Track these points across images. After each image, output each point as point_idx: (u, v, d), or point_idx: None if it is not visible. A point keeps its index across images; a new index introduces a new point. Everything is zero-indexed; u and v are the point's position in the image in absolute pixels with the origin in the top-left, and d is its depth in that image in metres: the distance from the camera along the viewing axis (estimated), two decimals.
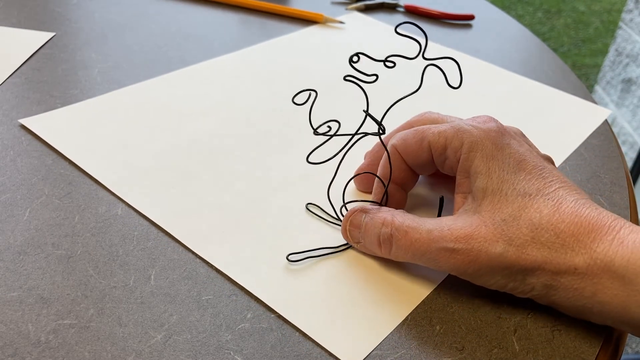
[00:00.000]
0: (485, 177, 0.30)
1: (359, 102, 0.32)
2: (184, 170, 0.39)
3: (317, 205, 0.37)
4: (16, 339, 0.27)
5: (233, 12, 0.63)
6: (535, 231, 0.28)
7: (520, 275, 0.28)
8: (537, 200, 0.29)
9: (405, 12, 0.68)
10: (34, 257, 0.32)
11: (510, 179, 0.30)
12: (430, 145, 0.33)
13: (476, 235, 0.29)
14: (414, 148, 0.33)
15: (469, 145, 0.31)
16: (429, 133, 0.33)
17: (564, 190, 0.29)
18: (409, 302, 0.31)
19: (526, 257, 0.28)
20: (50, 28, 0.56)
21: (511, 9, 2.79)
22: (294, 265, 0.32)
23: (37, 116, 0.43)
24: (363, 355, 0.28)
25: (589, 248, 0.27)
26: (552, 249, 0.28)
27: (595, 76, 2.03)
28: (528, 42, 0.65)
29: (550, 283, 0.28)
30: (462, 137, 0.31)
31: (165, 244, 0.33)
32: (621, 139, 1.44)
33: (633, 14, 1.41)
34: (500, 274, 0.29)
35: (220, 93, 0.48)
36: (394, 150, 0.34)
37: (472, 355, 0.29)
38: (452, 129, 0.32)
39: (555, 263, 0.27)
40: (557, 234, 0.28)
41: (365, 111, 0.32)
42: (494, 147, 0.31)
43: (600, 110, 0.51)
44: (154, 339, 0.28)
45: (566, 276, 0.27)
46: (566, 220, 0.28)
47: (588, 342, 0.29)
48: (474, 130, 0.31)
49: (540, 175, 0.30)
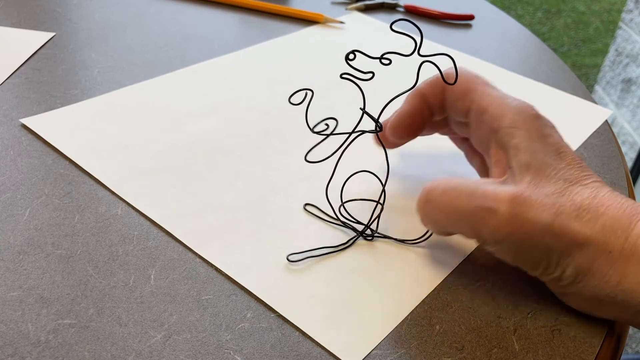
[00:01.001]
0: (529, 154, 0.30)
1: (360, 101, 0.32)
2: (184, 170, 0.39)
3: (315, 205, 0.37)
4: (16, 339, 0.27)
5: (233, 12, 0.63)
6: (578, 210, 0.28)
7: (557, 255, 0.28)
8: (577, 186, 0.29)
9: (405, 12, 0.68)
10: (33, 257, 0.32)
11: (552, 164, 0.29)
12: (473, 101, 0.33)
13: (523, 201, 0.28)
14: (459, 91, 0.33)
15: (511, 120, 0.31)
16: (479, 88, 0.33)
17: (600, 184, 0.29)
18: (408, 302, 0.31)
19: (572, 231, 0.27)
20: (50, 28, 0.56)
21: (511, 9, 2.79)
22: (294, 265, 0.32)
23: (38, 116, 0.43)
24: (362, 355, 0.28)
25: (624, 231, 0.27)
26: (594, 229, 0.27)
27: (595, 76, 2.03)
28: (528, 42, 0.65)
29: (584, 266, 0.28)
30: (506, 110, 0.31)
31: (165, 244, 0.33)
32: (621, 139, 1.44)
33: (633, 14, 1.41)
34: (539, 249, 0.28)
35: (221, 93, 0.48)
36: (441, 79, 0.34)
37: (472, 355, 0.29)
38: (498, 98, 0.32)
39: (595, 243, 0.27)
40: (597, 216, 0.27)
41: (362, 109, 0.32)
42: (537, 133, 0.31)
43: (601, 110, 0.51)
44: (154, 339, 0.28)
45: (601, 259, 0.27)
46: (605, 204, 0.28)
47: (588, 342, 0.29)
48: (519, 109, 0.31)
49: (579, 167, 0.30)
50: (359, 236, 0.34)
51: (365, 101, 0.32)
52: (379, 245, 0.34)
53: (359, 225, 0.35)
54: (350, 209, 0.36)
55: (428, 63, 0.31)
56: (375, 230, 0.34)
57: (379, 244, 0.34)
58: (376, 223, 0.35)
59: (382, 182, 0.34)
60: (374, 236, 0.34)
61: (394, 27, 0.30)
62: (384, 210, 0.34)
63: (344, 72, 0.30)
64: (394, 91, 0.33)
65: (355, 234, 0.34)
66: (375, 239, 0.35)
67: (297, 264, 0.32)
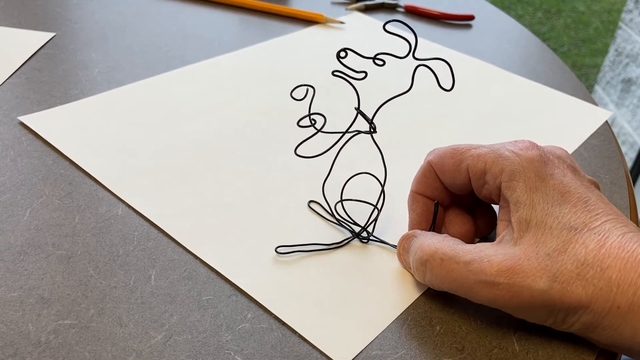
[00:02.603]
0: (528, 208, 0.29)
1: (364, 101, 0.32)
2: (183, 170, 0.39)
3: (319, 203, 0.37)
4: (16, 339, 0.27)
5: (233, 12, 0.63)
6: (581, 267, 0.26)
7: (562, 314, 0.27)
8: (582, 234, 0.27)
9: (405, 12, 0.68)
10: (34, 257, 0.32)
11: (554, 212, 0.28)
12: (469, 169, 0.31)
13: (518, 270, 0.27)
14: (450, 168, 0.32)
15: (509, 173, 0.30)
16: (468, 155, 0.31)
17: (611, 224, 0.28)
18: (401, 302, 0.31)
19: (571, 295, 0.26)
20: (50, 28, 0.56)
21: (511, 9, 2.79)
22: (283, 257, 0.32)
23: (37, 114, 0.43)
24: (353, 354, 0.28)
25: (632, 285, 0.26)
26: (597, 286, 0.26)
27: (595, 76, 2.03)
28: (528, 42, 0.65)
29: (591, 322, 0.27)
30: (502, 163, 0.30)
31: (166, 244, 0.33)
32: (621, 139, 1.44)
33: (633, 14, 1.41)
34: (542, 311, 0.27)
35: (221, 92, 0.48)
36: (429, 167, 0.33)
37: (472, 355, 0.29)
38: (492, 154, 0.31)
39: (600, 302, 0.26)
40: (603, 269, 0.26)
41: (357, 108, 0.32)
42: (536, 177, 0.29)
43: (601, 111, 0.51)
44: (154, 339, 0.28)
45: (609, 316, 0.26)
46: (612, 254, 0.26)
47: (588, 342, 0.29)
48: (515, 157, 0.30)
49: (585, 209, 0.28)
50: (353, 238, 0.34)
51: (360, 101, 0.32)
52: (373, 248, 0.34)
53: (357, 226, 0.35)
54: (350, 208, 0.36)
55: (430, 62, 0.30)
56: (371, 233, 0.35)
57: (374, 247, 0.34)
58: (373, 226, 0.35)
59: (382, 184, 0.34)
60: (370, 239, 0.34)
61: (393, 29, 0.30)
62: (382, 212, 0.34)
63: (335, 69, 0.30)
64: (394, 92, 0.33)
65: (351, 235, 0.34)
66: (370, 242, 0.35)
67: (288, 258, 0.33)
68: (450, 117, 0.48)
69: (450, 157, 0.32)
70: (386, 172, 0.33)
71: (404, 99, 0.33)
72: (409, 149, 0.44)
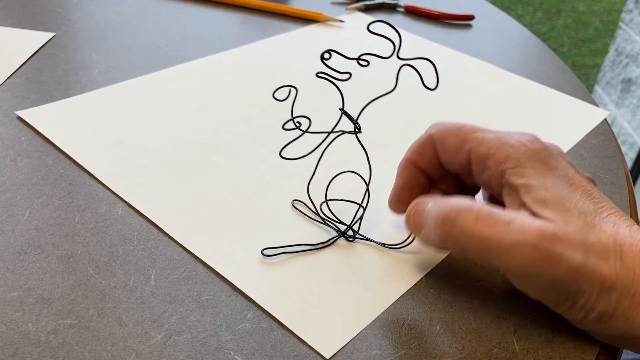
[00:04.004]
0: (542, 190, 0.28)
1: (360, 101, 0.32)
2: (181, 168, 0.39)
3: (304, 202, 0.37)
4: (16, 339, 0.27)
5: (233, 12, 0.63)
6: (603, 249, 0.26)
7: (585, 297, 0.26)
8: (596, 220, 0.27)
9: (405, 12, 0.68)
10: (34, 257, 0.32)
11: (568, 196, 0.28)
12: (471, 150, 0.31)
13: (562, 238, 0.26)
14: (452, 146, 0.31)
15: (515, 161, 0.29)
16: (473, 137, 0.31)
17: (616, 217, 0.28)
18: (386, 297, 0.31)
19: (601, 274, 0.26)
20: (50, 28, 0.56)
21: (511, 9, 2.79)
22: (270, 259, 0.33)
23: (34, 108, 0.43)
24: (337, 347, 0.28)
25: None
26: (619, 272, 0.26)
27: (595, 76, 2.03)
28: (528, 42, 0.65)
29: (608, 309, 0.26)
30: (508, 151, 0.29)
31: (166, 244, 0.33)
32: (621, 139, 1.44)
33: (633, 14, 1.41)
34: (568, 288, 0.27)
35: (219, 89, 0.48)
36: (429, 139, 0.32)
37: (472, 355, 0.29)
38: (497, 140, 0.30)
39: (622, 286, 0.26)
40: (620, 256, 0.26)
41: (341, 109, 0.32)
42: (544, 167, 0.29)
43: (599, 111, 0.51)
44: (154, 339, 0.28)
45: (625, 302, 0.26)
46: (627, 242, 0.26)
47: (588, 342, 0.29)
48: (521, 146, 0.29)
49: (591, 199, 0.28)
50: (339, 237, 0.34)
51: (344, 101, 0.32)
52: (359, 246, 0.34)
53: (342, 225, 0.35)
54: (335, 207, 0.36)
55: (425, 64, 0.30)
56: (357, 231, 0.35)
57: (360, 246, 0.34)
58: (358, 224, 0.35)
59: (367, 183, 0.34)
60: (355, 238, 0.35)
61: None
62: (367, 211, 0.35)
63: (319, 71, 0.30)
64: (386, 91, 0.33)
65: (337, 234, 0.35)
66: (356, 240, 0.35)
67: (274, 258, 0.33)
68: (450, 117, 0.48)
69: (454, 135, 0.31)
70: (371, 171, 0.33)
71: (404, 99, 0.34)
72: (395, 149, 0.44)
